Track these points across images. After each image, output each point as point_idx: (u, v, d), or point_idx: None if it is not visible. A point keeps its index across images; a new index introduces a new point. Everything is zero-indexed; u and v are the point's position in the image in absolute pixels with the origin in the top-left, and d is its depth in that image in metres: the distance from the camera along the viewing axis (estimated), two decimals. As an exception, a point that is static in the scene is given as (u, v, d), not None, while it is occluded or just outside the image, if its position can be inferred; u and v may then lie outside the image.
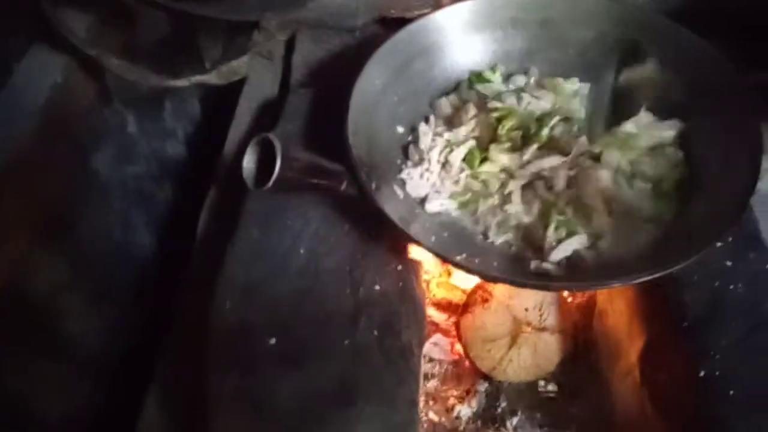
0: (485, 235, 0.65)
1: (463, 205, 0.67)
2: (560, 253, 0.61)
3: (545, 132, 0.69)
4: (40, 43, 0.63)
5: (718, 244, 0.59)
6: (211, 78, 0.65)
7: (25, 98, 0.61)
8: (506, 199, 0.66)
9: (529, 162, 0.67)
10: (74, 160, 0.70)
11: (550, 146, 0.68)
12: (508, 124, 0.70)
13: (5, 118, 0.59)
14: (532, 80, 0.77)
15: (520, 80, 0.77)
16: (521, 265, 0.62)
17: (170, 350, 0.69)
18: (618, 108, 0.72)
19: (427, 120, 0.75)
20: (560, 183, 0.66)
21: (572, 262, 0.62)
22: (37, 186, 0.63)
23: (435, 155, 0.71)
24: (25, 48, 0.63)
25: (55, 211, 0.66)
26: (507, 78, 0.78)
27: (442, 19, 0.76)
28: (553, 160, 0.67)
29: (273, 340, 0.59)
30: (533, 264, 0.61)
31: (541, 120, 0.70)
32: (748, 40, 0.81)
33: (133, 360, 0.75)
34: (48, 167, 0.65)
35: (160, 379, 0.67)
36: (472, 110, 0.73)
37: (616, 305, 0.71)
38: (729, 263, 0.61)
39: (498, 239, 0.64)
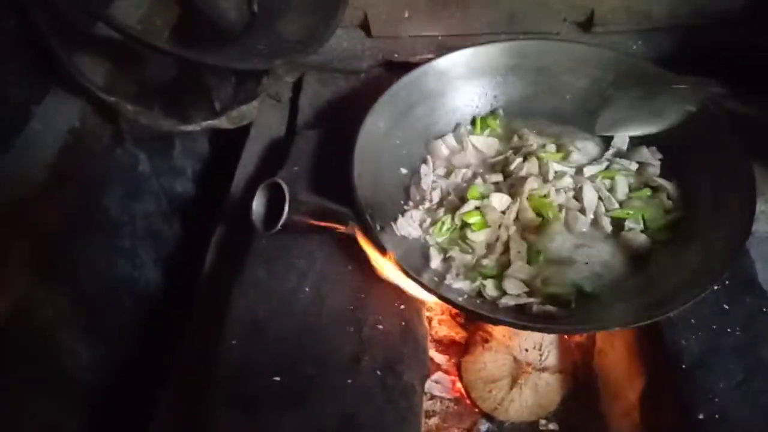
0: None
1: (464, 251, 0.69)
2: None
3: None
4: (59, 88, 0.66)
5: (715, 287, 0.60)
6: (221, 123, 0.68)
7: (42, 141, 0.63)
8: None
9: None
10: (85, 198, 0.71)
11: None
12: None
13: (23, 161, 0.61)
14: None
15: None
16: (522, 307, 0.63)
17: (173, 387, 0.70)
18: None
19: (426, 161, 0.77)
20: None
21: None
22: (46, 225, 0.64)
23: (436, 196, 0.73)
24: (44, 92, 0.65)
25: (62, 246, 0.67)
26: (506, 124, 0.81)
27: (443, 65, 0.79)
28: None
29: (277, 378, 0.60)
30: (535, 307, 0.62)
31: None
32: (739, 82, 0.84)
33: (132, 396, 0.76)
34: (58, 206, 0.66)
35: (163, 415, 0.68)
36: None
37: (615, 346, 0.71)
38: (726, 306, 0.63)
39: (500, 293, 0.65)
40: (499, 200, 0.69)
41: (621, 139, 0.77)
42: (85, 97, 0.65)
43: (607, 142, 0.78)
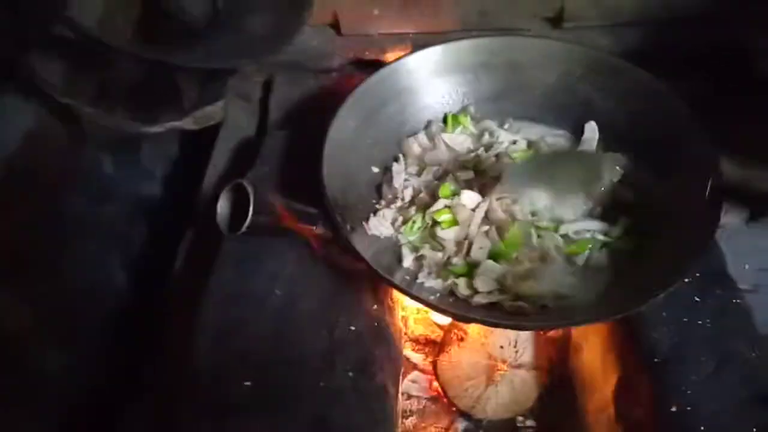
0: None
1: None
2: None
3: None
4: (12, 90, 0.64)
5: (686, 280, 0.60)
6: (187, 123, 0.66)
7: (-3, 142, 0.61)
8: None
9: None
10: (47, 202, 0.69)
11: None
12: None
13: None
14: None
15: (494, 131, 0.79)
16: (494, 304, 0.63)
17: (142, 395, 0.68)
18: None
19: (397, 159, 0.76)
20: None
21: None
22: (6, 230, 0.62)
23: (408, 194, 0.73)
24: (-1, 93, 0.63)
25: (23, 255, 0.65)
26: (478, 121, 0.80)
27: (413, 62, 0.78)
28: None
29: (248, 383, 0.59)
30: (507, 304, 0.61)
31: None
32: (705, 78, 0.85)
33: (103, 401, 0.74)
34: (19, 211, 0.64)
35: (133, 420, 0.66)
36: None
37: (590, 340, 0.71)
38: (697, 299, 0.63)
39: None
40: (469, 198, 0.68)
41: (590, 134, 0.77)
42: (42, 99, 0.63)
43: (577, 137, 0.78)
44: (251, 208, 0.52)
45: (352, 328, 0.62)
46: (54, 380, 0.70)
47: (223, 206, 0.55)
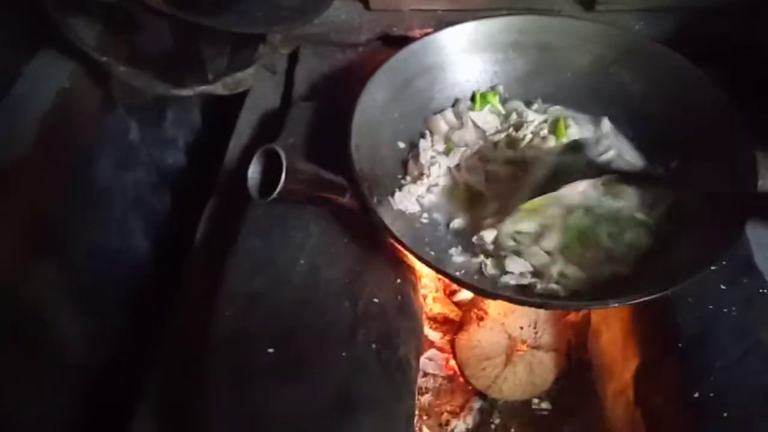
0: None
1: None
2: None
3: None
4: (48, 48, 0.64)
5: (713, 268, 0.60)
6: (217, 89, 0.66)
7: (30, 102, 0.61)
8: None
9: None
10: (75, 165, 0.69)
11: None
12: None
13: (9, 122, 0.59)
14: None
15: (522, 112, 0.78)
16: (524, 286, 0.62)
17: (163, 361, 0.69)
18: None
19: (424, 136, 0.76)
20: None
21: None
22: (34, 191, 0.63)
23: (435, 171, 0.72)
24: (32, 52, 0.63)
25: (50, 216, 0.65)
26: (506, 101, 0.80)
27: (444, 39, 0.78)
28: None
29: (271, 350, 0.59)
30: (539, 286, 0.61)
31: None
32: (740, 65, 0.83)
33: (124, 368, 0.75)
34: (47, 172, 0.65)
35: (153, 387, 0.67)
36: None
37: (610, 324, 0.71)
38: (723, 287, 0.62)
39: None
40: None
41: (605, 129, 0.76)
42: (76, 59, 0.63)
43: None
44: (284, 173, 0.52)
45: (376, 300, 0.62)
46: (78, 343, 0.70)
47: (253, 171, 0.54)
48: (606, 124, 0.76)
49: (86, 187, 0.73)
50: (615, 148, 0.74)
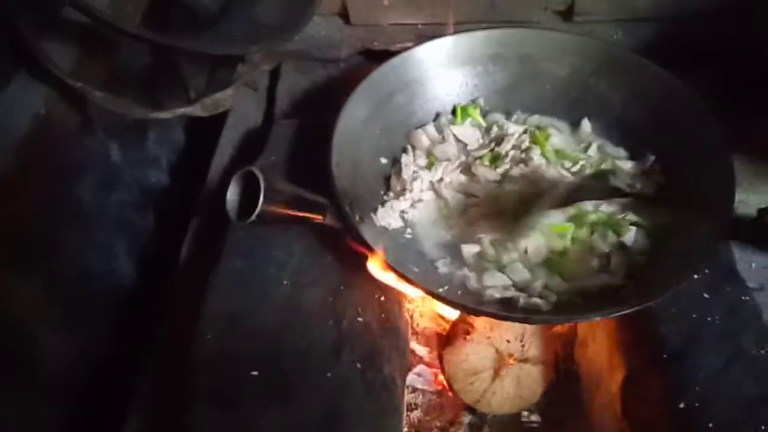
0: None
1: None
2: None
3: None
4: (22, 74, 0.63)
5: (695, 276, 0.60)
6: (195, 110, 0.66)
7: (5, 128, 0.60)
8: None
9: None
10: (56, 188, 0.69)
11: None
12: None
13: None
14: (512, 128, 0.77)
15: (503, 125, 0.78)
16: (508, 299, 0.62)
17: (149, 381, 0.68)
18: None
19: (406, 151, 0.76)
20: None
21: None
22: (16, 215, 0.62)
23: (417, 186, 0.72)
24: (6, 78, 0.62)
25: (31, 239, 0.65)
26: (486, 114, 0.80)
27: (423, 53, 0.78)
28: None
29: (255, 372, 0.58)
30: (522, 300, 0.61)
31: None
32: (721, 69, 0.84)
33: (108, 390, 0.74)
34: (27, 195, 0.64)
35: (139, 409, 0.66)
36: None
37: (596, 335, 0.71)
38: (706, 295, 0.63)
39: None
40: None
41: (585, 128, 0.77)
42: (51, 83, 0.62)
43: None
44: (261, 196, 0.52)
45: (360, 319, 0.62)
46: (62, 364, 0.70)
47: (232, 193, 0.54)
48: (586, 123, 0.77)
49: (69, 209, 0.72)
50: (596, 142, 0.75)
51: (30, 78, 0.62)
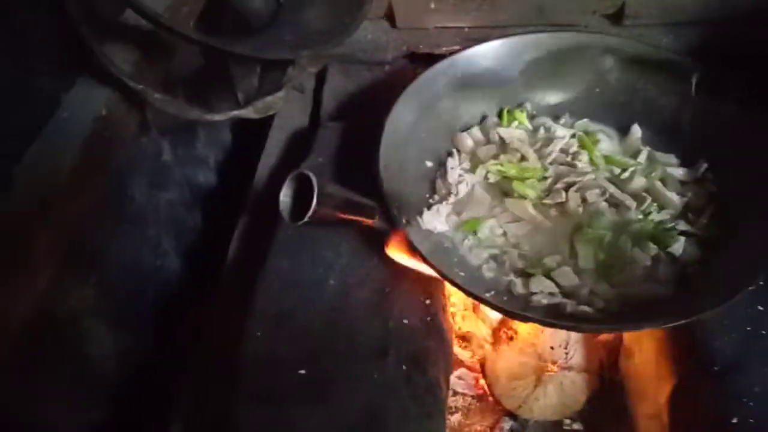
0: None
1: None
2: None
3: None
4: (86, 76, 0.66)
5: (750, 288, 0.59)
6: (248, 113, 0.67)
7: (70, 129, 0.63)
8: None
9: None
10: (112, 187, 0.71)
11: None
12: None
13: (51, 148, 0.61)
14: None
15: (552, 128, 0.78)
16: (555, 306, 0.62)
17: (195, 379, 0.70)
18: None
19: (451, 154, 0.76)
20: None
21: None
22: (73, 213, 0.64)
23: (463, 189, 0.72)
24: (72, 80, 0.65)
25: (86, 237, 0.67)
26: (533, 117, 0.80)
27: (471, 57, 0.78)
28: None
29: (302, 371, 0.59)
30: (569, 307, 0.61)
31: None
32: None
33: (153, 385, 0.76)
34: (85, 194, 0.66)
35: (185, 407, 0.68)
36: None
37: (643, 345, 0.70)
38: (761, 308, 0.61)
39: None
40: None
41: (635, 134, 0.76)
42: (111, 86, 0.65)
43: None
44: (314, 199, 0.52)
45: (406, 321, 0.63)
46: (109, 360, 0.72)
47: (285, 194, 0.55)
48: (636, 129, 0.76)
49: (122, 208, 0.74)
50: (646, 149, 0.74)
51: (93, 81, 0.64)
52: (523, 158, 0.74)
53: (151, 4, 0.68)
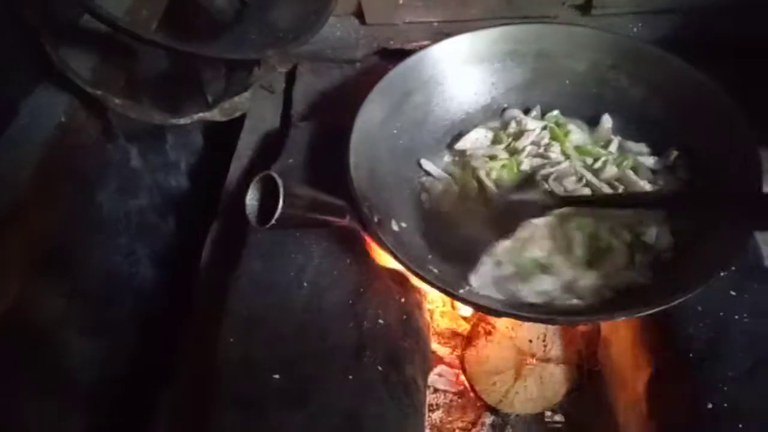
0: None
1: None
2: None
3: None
4: (45, 83, 0.64)
5: (722, 274, 0.59)
6: (214, 115, 0.66)
7: (29, 137, 0.61)
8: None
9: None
10: (78, 194, 0.70)
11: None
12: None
13: (10, 157, 0.60)
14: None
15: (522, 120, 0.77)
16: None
17: (174, 385, 0.69)
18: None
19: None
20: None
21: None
22: (39, 221, 0.63)
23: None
24: (31, 87, 0.63)
25: (56, 246, 0.66)
26: (503, 111, 0.79)
27: (440, 51, 0.77)
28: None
29: (277, 376, 0.59)
30: (558, 303, 0.60)
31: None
32: (742, 63, 0.82)
33: (132, 394, 0.75)
34: (51, 202, 0.65)
35: (164, 414, 0.67)
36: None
37: (621, 335, 0.70)
38: (733, 293, 0.61)
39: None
40: None
41: (606, 124, 0.76)
42: (72, 92, 0.63)
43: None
44: (281, 201, 0.51)
45: (381, 321, 0.62)
46: (84, 371, 0.71)
47: (251, 198, 0.54)
48: (607, 119, 0.76)
49: (91, 215, 0.73)
50: (617, 138, 0.74)
51: (52, 87, 0.63)
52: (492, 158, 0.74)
53: (110, 7, 0.66)
